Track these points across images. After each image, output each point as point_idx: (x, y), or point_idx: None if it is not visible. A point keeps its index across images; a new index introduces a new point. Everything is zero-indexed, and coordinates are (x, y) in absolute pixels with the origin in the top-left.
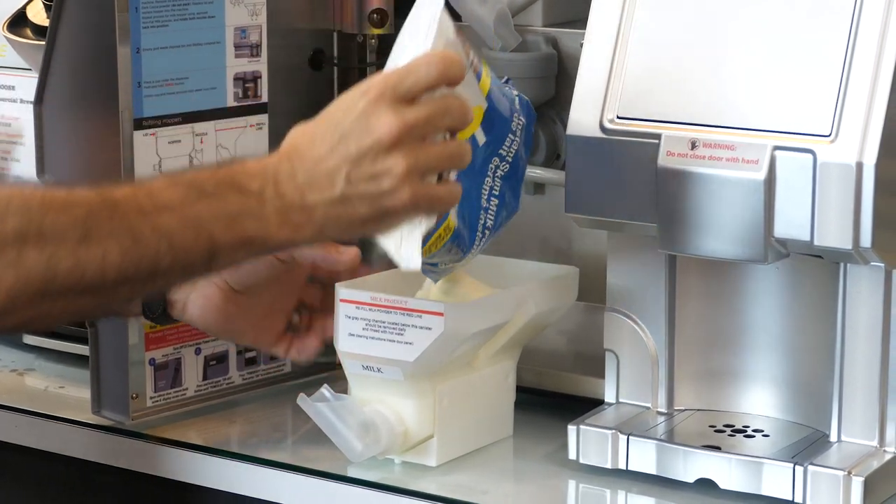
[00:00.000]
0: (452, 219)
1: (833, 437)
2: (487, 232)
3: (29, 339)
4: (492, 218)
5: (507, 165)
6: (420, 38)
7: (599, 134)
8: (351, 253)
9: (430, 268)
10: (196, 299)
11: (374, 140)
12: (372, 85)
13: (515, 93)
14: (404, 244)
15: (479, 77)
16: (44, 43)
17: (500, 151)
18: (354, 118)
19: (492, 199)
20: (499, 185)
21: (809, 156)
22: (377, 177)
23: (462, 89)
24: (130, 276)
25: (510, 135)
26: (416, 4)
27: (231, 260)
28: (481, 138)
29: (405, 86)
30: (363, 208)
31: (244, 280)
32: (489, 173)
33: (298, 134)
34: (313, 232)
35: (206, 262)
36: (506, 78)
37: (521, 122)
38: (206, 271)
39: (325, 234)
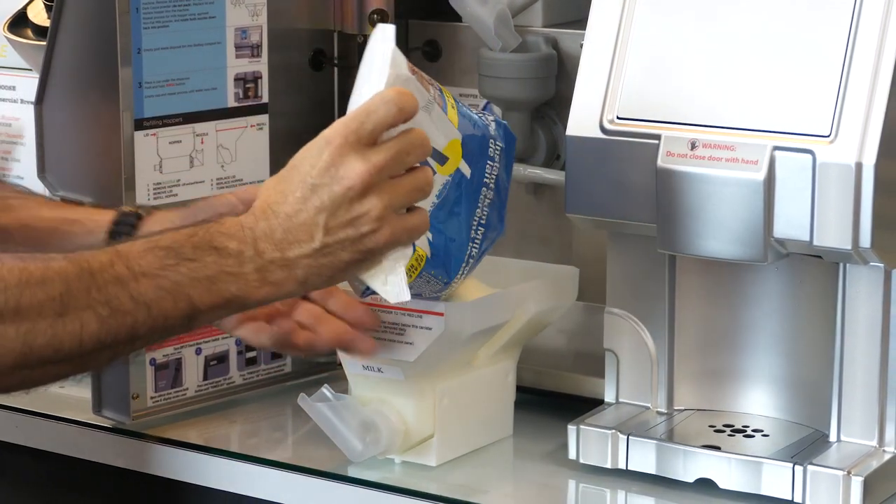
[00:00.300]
0: (421, 249)
1: (832, 437)
2: (472, 261)
3: None
4: (477, 246)
5: (493, 193)
6: (374, 78)
7: (599, 134)
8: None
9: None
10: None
11: (345, 188)
12: (334, 133)
13: (492, 118)
14: (390, 279)
15: (444, 110)
16: (44, 43)
17: (485, 180)
18: (322, 169)
19: (479, 228)
20: (486, 213)
21: (809, 156)
22: (355, 221)
23: (432, 125)
24: (109, 343)
25: (489, 162)
26: (368, 45)
27: (211, 319)
28: (467, 170)
29: (367, 129)
30: (345, 254)
31: None
32: (479, 204)
33: (269, 190)
34: (296, 286)
35: (185, 324)
36: (485, 103)
37: (498, 147)
38: (186, 331)
39: (309, 286)
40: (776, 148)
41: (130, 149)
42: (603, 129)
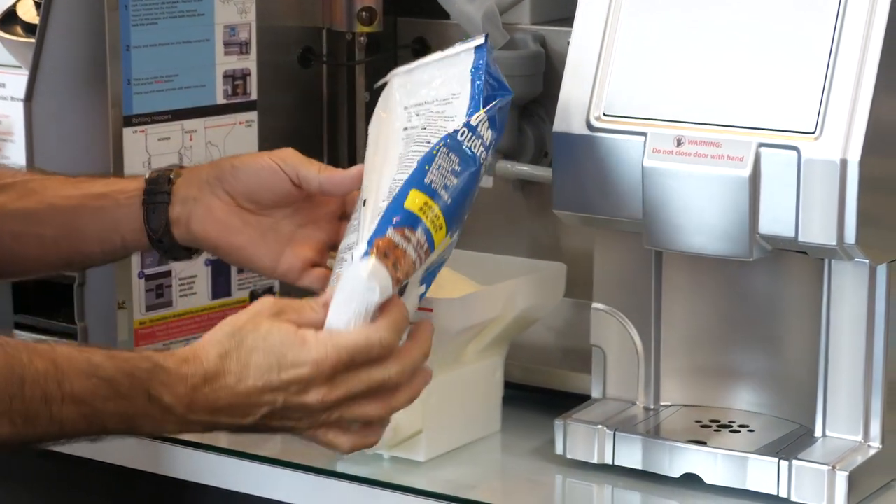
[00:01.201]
0: None
1: (818, 433)
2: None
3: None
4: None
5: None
6: (351, 308)
7: (586, 131)
8: (356, 169)
9: None
10: (199, 212)
11: (303, 404)
12: (325, 357)
13: (487, 135)
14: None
15: (433, 249)
16: (34, 41)
17: (468, 202)
18: (293, 379)
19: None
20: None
21: (794, 153)
22: (295, 417)
23: (421, 285)
24: (12, 444)
25: (473, 188)
26: (349, 271)
27: (115, 438)
28: (449, 253)
29: (355, 363)
30: (267, 433)
31: (251, 196)
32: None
33: (230, 351)
34: (203, 433)
35: (89, 441)
36: (480, 43)
37: (483, 163)
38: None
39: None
40: (761, 144)
41: (119, 145)
42: (589, 126)
